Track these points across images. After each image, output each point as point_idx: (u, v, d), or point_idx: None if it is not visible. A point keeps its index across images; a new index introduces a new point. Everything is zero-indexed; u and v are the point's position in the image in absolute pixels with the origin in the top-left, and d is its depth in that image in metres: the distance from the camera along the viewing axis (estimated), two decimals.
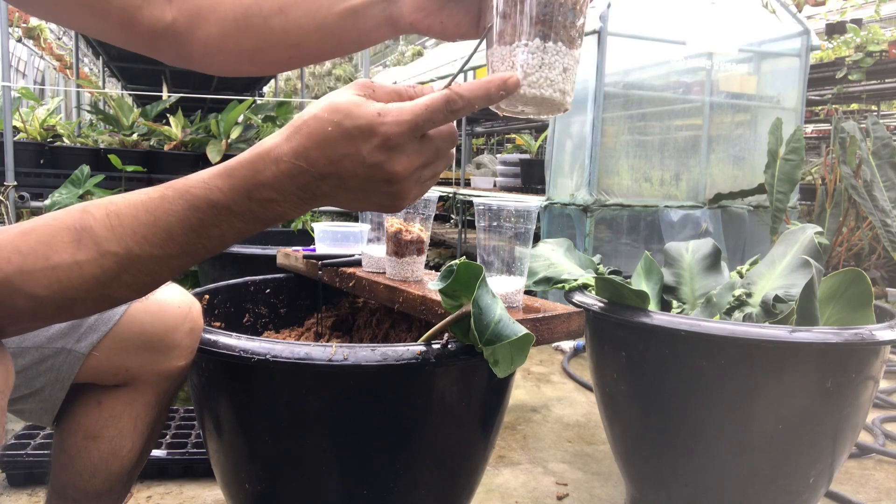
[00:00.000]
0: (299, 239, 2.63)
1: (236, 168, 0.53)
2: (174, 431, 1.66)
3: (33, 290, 0.49)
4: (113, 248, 0.51)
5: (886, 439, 1.90)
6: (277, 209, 0.53)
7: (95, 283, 0.51)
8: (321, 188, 0.53)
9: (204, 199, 0.52)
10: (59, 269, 0.50)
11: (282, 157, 0.52)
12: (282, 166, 0.52)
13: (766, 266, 1.40)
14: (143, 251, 0.51)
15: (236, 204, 0.52)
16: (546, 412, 2.09)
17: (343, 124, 0.51)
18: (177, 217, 0.52)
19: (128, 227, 0.51)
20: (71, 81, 4.85)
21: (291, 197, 0.53)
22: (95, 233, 0.51)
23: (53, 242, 0.50)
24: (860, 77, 4.74)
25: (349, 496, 0.91)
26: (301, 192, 0.53)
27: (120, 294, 0.53)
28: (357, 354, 0.82)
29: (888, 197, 2.93)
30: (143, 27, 0.71)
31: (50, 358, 0.78)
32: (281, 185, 0.52)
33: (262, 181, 0.52)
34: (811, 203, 3.63)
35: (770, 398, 1.15)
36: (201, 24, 0.71)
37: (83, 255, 0.50)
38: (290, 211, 0.54)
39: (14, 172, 2.53)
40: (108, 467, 0.84)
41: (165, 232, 0.52)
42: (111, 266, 0.51)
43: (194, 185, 0.52)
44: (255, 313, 1.35)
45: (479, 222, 1.06)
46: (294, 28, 0.69)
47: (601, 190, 3.03)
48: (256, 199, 0.52)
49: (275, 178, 0.52)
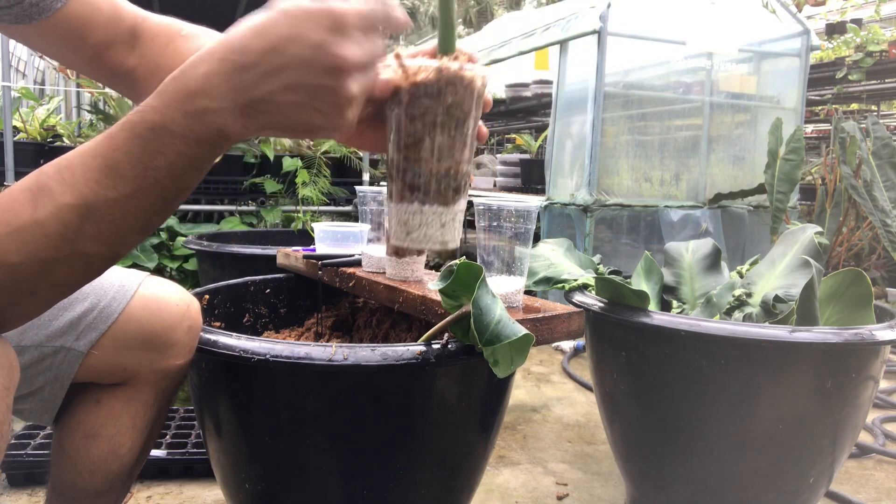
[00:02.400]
0: (299, 239, 2.63)
1: (168, 82, 0.50)
2: (174, 431, 1.66)
3: (6, 259, 0.48)
4: (68, 200, 0.49)
5: (886, 439, 1.90)
6: (216, 121, 0.49)
7: (61, 239, 0.49)
8: (259, 87, 0.48)
9: (140, 122, 0.49)
10: (22, 232, 0.48)
11: (214, 54, 0.49)
12: (213, 65, 0.48)
13: (766, 266, 1.40)
14: (98, 196, 0.49)
15: (172, 121, 0.49)
16: (546, 412, 2.09)
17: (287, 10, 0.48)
18: (121, 151, 0.49)
19: (79, 176, 0.49)
20: (71, 81, 4.85)
21: (227, 103, 0.49)
22: (50, 188, 0.49)
23: (12, 207, 0.49)
24: (860, 77, 4.74)
25: (349, 496, 0.91)
26: (237, 94, 0.48)
27: (90, 248, 0.51)
28: (357, 354, 0.82)
29: (888, 197, 2.93)
30: (106, 67, 0.76)
31: (49, 356, 0.78)
32: (214, 88, 0.48)
33: (193, 87, 0.48)
34: (811, 203, 3.63)
35: (770, 398, 1.15)
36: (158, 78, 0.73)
37: (41, 213, 0.49)
38: (232, 124, 0.49)
39: (14, 172, 2.53)
40: (108, 466, 0.84)
41: (114, 171, 0.49)
42: (71, 219, 0.49)
43: (133, 113, 0.50)
44: (255, 313, 1.35)
45: (479, 222, 1.06)
46: None
47: (601, 190, 3.03)
48: (191, 111, 0.49)
49: (205, 79, 0.48)
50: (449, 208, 0.62)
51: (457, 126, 0.59)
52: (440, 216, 0.61)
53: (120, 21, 0.76)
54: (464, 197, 0.63)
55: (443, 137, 0.59)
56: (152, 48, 0.77)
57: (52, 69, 8.75)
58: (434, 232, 0.62)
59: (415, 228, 0.61)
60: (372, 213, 1.27)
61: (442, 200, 0.61)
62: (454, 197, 0.62)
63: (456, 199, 0.62)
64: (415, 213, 0.61)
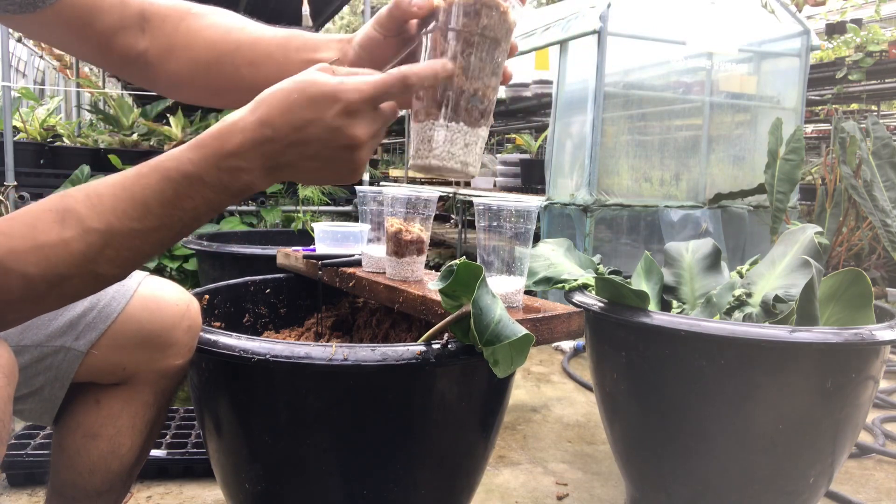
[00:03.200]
0: (299, 239, 2.63)
1: (205, 139, 0.56)
2: (174, 431, 1.66)
3: (24, 269, 0.52)
4: (95, 225, 0.54)
5: (886, 439, 1.90)
6: (245, 178, 0.57)
7: (82, 258, 0.54)
8: (285, 156, 0.57)
9: (176, 170, 0.55)
10: (46, 248, 0.53)
11: (247, 127, 0.56)
12: (247, 135, 0.56)
13: (766, 266, 1.40)
14: (123, 226, 0.55)
15: (207, 174, 0.56)
16: (546, 412, 2.09)
17: (307, 91, 0.55)
18: (153, 191, 0.55)
19: (108, 205, 0.55)
20: (71, 81, 4.85)
21: (257, 165, 0.56)
22: (78, 212, 0.54)
23: (38, 224, 0.53)
24: (860, 77, 4.74)
25: (349, 496, 0.90)
26: (266, 160, 0.56)
27: (105, 270, 0.56)
28: (357, 354, 0.82)
29: (888, 197, 2.93)
30: (116, 53, 0.76)
31: (49, 356, 0.78)
32: (247, 153, 0.56)
33: (229, 150, 0.56)
34: (811, 203, 3.63)
35: (770, 398, 1.15)
36: (171, 59, 0.77)
37: (69, 233, 0.53)
38: (257, 181, 0.57)
39: (14, 172, 2.53)
40: (108, 466, 0.84)
41: (143, 206, 0.55)
42: (95, 241, 0.54)
43: (167, 160, 0.56)
44: (255, 313, 1.35)
45: (479, 222, 1.06)
46: (262, 79, 0.74)
47: (601, 190, 3.03)
48: (225, 168, 0.56)
49: (241, 146, 0.56)
50: (473, 130, 0.65)
51: (488, 50, 0.64)
52: (465, 135, 0.64)
53: (127, 4, 0.75)
54: (487, 125, 0.66)
55: (475, 57, 0.63)
56: (163, 29, 0.77)
57: (52, 69, 8.75)
58: (457, 150, 0.64)
59: (439, 145, 0.64)
60: (372, 213, 1.27)
61: (468, 120, 0.64)
62: (479, 119, 0.65)
63: (480, 123, 0.65)
64: (440, 129, 0.64)
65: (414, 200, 1.15)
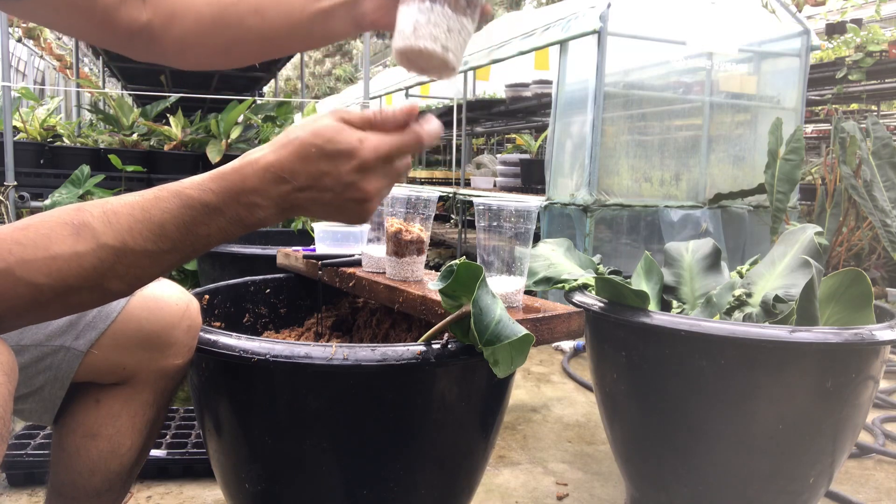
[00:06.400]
0: (299, 239, 2.63)
1: (227, 173, 0.59)
2: (174, 431, 1.66)
3: (34, 279, 0.53)
4: (110, 242, 0.55)
5: (886, 439, 1.90)
6: (259, 214, 0.60)
7: (94, 272, 0.55)
8: (299, 199, 0.60)
9: (197, 199, 0.58)
10: (59, 259, 0.54)
11: (268, 167, 0.59)
12: (267, 175, 0.59)
13: (766, 266, 1.40)
14: (137, 245, 0.56)
15: (226, 206, 0.58)
16: (546, 412, 2.09)
17: (325, 148, 0.58)
18: (171, 214, 0.57)
19: (124, 224, 0.56)
20: (71, 81, 4.85)
21: (272, 203, 0.60)
22: (94, 227, 0.55)
23: (53, 235, 0.54)
24: (860, 77, 4.74)
25: (349, 496, 0.90)
26: (281, 200, 0.60)
27: (113, 285, 0.57)
28: (357, 354, 0.82)
29: (888, 197, 2.93)
30: (120, 27, 0.76)
31: (49, 356, 0.78)
32: (265, 191, 0.59)
33: (249, 186, 0.59)
34: (811, 203, 3.63)
35: (770, 398, 1.15)
36: (176, 24, 0.77)
37: (82, 247, 0.54)
38: (271, 217, 0.61)
39: (14, 172, 2.53)
40: (108, 466, 0.84)
41: (159, 228, 0.57)
42: (108, 257, 0.55)
43: (188, 187, 0.58)
44: (255, 313, 1.35)
45: (479, 222, 1.06)
46: (268, 28, 0.76)
47: (601, 190, 3.03)
48: (243, 202, 0.59)
49: (260, 184, 0.59)
50: (457, 16, 0.65)
51: None
52: (448, 20, 0.65)
53: None
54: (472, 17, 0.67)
55: None
56: None
57: (52, 69, 8.75)
58: (440, 33, 0.64)
59: (422, 26, 0.64)
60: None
61: (453, 4, 0.65)
62: (465, 8, 0.66)
63: (465, 12, 0.66)
64: (424, 11, 0.64)
65: (414, 200, 1.15)
